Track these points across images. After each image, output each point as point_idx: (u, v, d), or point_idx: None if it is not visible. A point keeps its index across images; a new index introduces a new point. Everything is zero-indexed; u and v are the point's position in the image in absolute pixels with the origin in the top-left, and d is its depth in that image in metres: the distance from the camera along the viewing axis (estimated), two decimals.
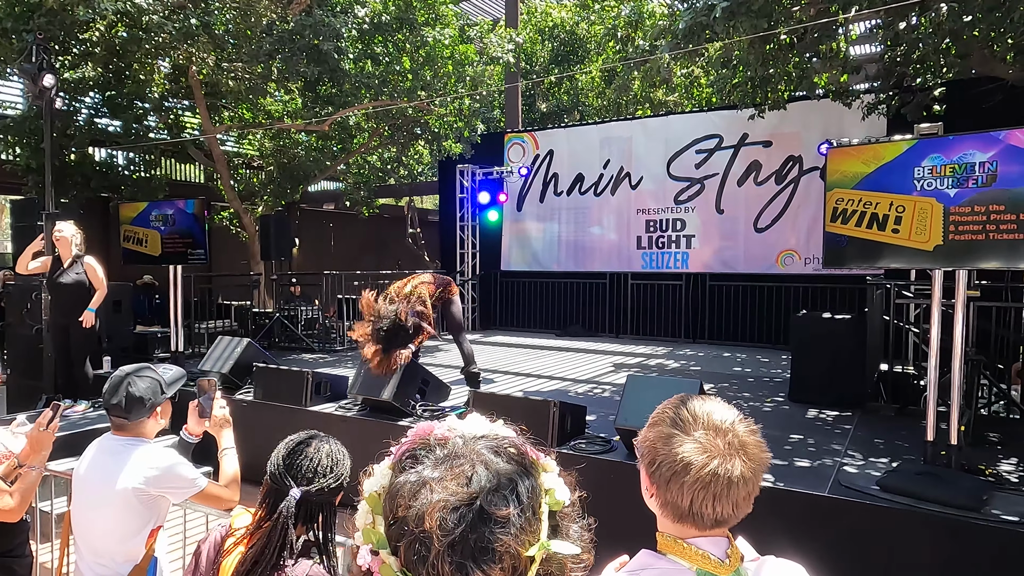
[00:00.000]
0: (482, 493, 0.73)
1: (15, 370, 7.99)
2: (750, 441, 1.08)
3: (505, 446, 0.81)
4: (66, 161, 10.05)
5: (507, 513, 0.72)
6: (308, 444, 1.60)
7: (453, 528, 0.70)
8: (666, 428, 1.10)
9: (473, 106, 10.58)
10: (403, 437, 0.86)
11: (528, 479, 0.78)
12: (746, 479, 1.06)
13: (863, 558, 3.25)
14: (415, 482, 0.75)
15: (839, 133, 8.33)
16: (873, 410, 5.36)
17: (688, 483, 1.05)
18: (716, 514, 1.06)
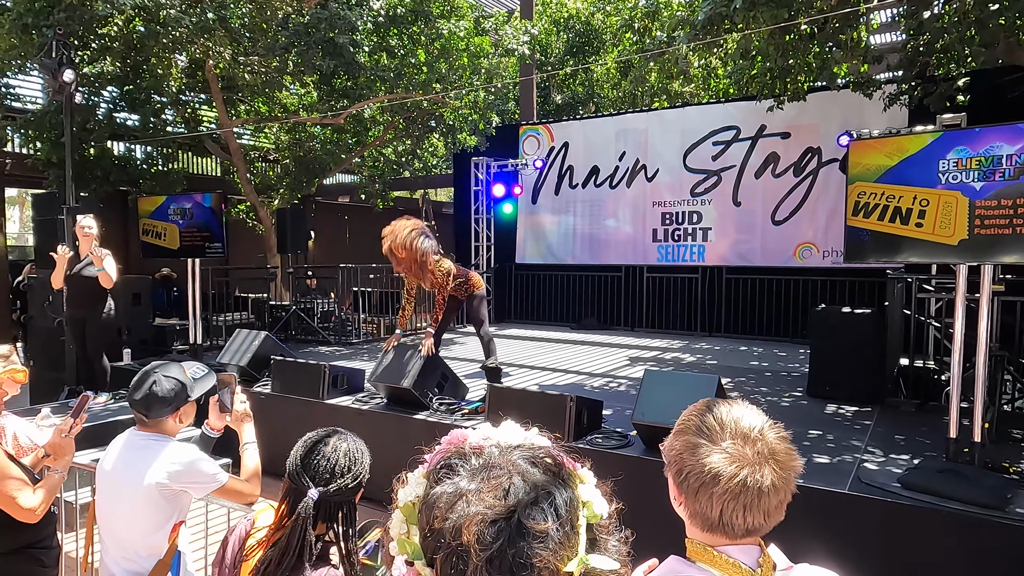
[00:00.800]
0: (520, 506, 0.72)
1: (37, 362, 8.11)
2: (780, 448, 1.06)
3: (541, 456, 0.80)
4: (86, 155, 10.15)
5: (546, 527, 0.71)
6: (326, 443, 1.60)
7: (491, 543, 0.69)
8: (693, 437, 1.08)
9: (488, 98, 10.54)
10: (435, 442, 0.85)
11: (565, 491, 0.76)
12: (777, 487, 1.03)
13: (884, 557, 3.22)
14: (451, 493, 0.74)
15: (859, 124, 8.21)
16: (893, 406, 5.30)
17: (717, 494, 1.03)
18: (747, 524, 1.04)
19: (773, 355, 8.04)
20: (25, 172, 10.83)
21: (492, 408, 4.51)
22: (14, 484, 2.20)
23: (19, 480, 2.21)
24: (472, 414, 4.84)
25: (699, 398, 3.63)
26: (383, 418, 5.06)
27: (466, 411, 4.89)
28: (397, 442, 4.96)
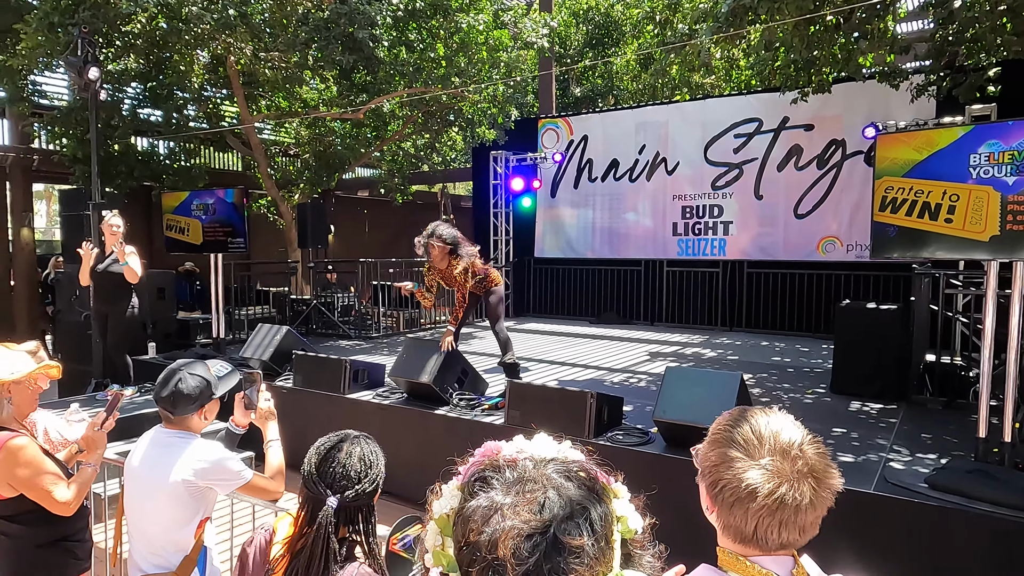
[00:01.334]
0: (555, 521, 0.71)
1: (65, 355, 8.27)
2: (820, 466, 1.04)
3: (575, 470, 0.80)
4: (111, 151, 10.30)
5: (581, 543, 0.71)
6: (339, 449, 1.59)
7: (527, 557, 0.69)
8: (729, 449, 1.06)
9: (507, 92, 10.51)
10: (468, 453, 0.85)
11: (600, 506, 0.76)
12: (815, 505, 1.02)
13: (910, 558, 3.17)
14: (487, 507, 0.74)
15: (885, 116, 8.06)
16: (919, 403, 5.22)
17: (753, 510, 1.01)
18: (782, 539, 1.03)
19: (796, 351, 7.95)
20: (51, 168, 11.02)
21: (512, 404, 4.51)
22: (49, 478, 2.25)
23: (54, 475, 2.27)
24: (492, 409, 4.84)
25: (721, 396, 3.59)
26: (404, 413, 5.09)
27: (486, 406, 4.90)
28: (418, 437, 4.99)
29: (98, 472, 2.43)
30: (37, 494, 2.23)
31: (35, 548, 2.30)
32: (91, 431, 2.38)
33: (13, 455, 2.22)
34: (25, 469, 2.22)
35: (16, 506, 2.27)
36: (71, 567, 2.41)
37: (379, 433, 5.31)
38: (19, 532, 2.27)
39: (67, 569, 2.39)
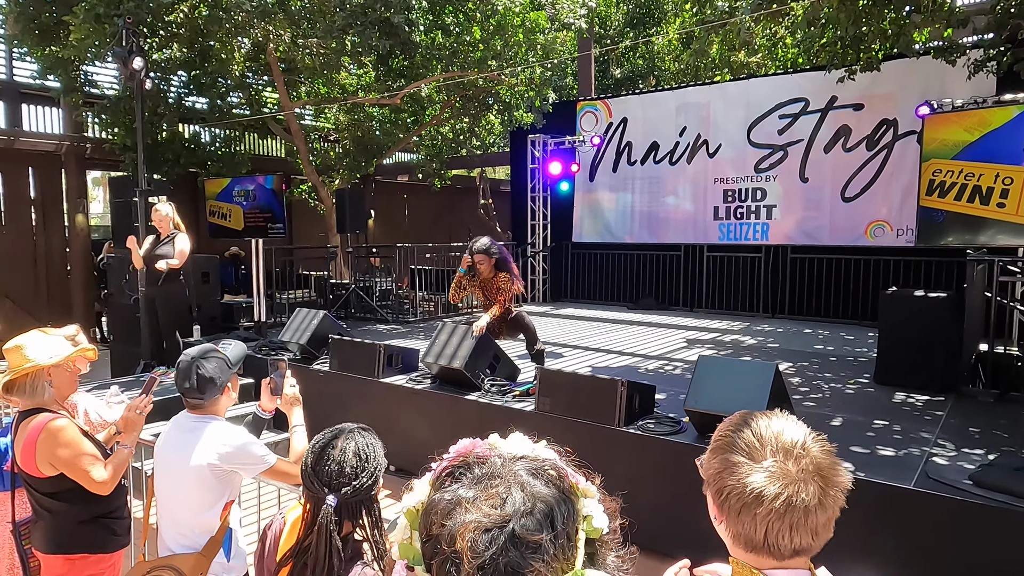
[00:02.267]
0: (515, 516, 0.71)
1: (117, 337, 8.60)
2: (826, 463, 1.00)
3: (545, 468, 0.79)
4: (157, 139, 10.59)
5: (540, 538, 0.70)
6: (333, 447, 1.58)
7: (483, 551, 0.69)
8: (731, 455, 1.02)
9: (544, 75, 10.39)
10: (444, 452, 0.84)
11: (565, 504, 0.75)
12: (824, 505, 0.98)
13: (950, 558, 3.05)
14: (449, 500, 0.74)
15: (940, 94, 7.66)
16: (969, 395, 4.99)
17: (761, 515, 0.97)
18: (794, 544, 0.98)
19: (840, 338, 7.71)
20: (104, 156, 11.41)
21: (542, 391, 4.49)
22: (87, 459, 2.34)
23: (92, 455, 2.36)
24: (523, 396, 4.84)
25: (755, 386, 3.50)
26: (436, 398, 5.13)
27: (517, 393, 4.89)
28: (449, 422, 5.03)
29: (134, 453, 2.52)
30: (75, 473, 2.32)
31: (77, 524, 2.40)
32: (130, 413, 2.46)
33: (53, 436, 2.32)
34: (65, 449, 2.32)
35: (58, 484, 2.36)
36: (111, 542, 2.51)
37: (412, 417, 5.37)
38: (61, 509, 2.37)
39: (107, 544, 2.49)
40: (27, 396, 2.38)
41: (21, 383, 2.36)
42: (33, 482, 2.39)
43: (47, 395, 2.42)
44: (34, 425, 2.33)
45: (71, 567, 2.40)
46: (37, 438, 2.31)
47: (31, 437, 2.32)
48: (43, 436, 2.31)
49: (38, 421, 2.35)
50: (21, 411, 2.42)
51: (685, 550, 3.86)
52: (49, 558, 2.43)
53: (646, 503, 3.99)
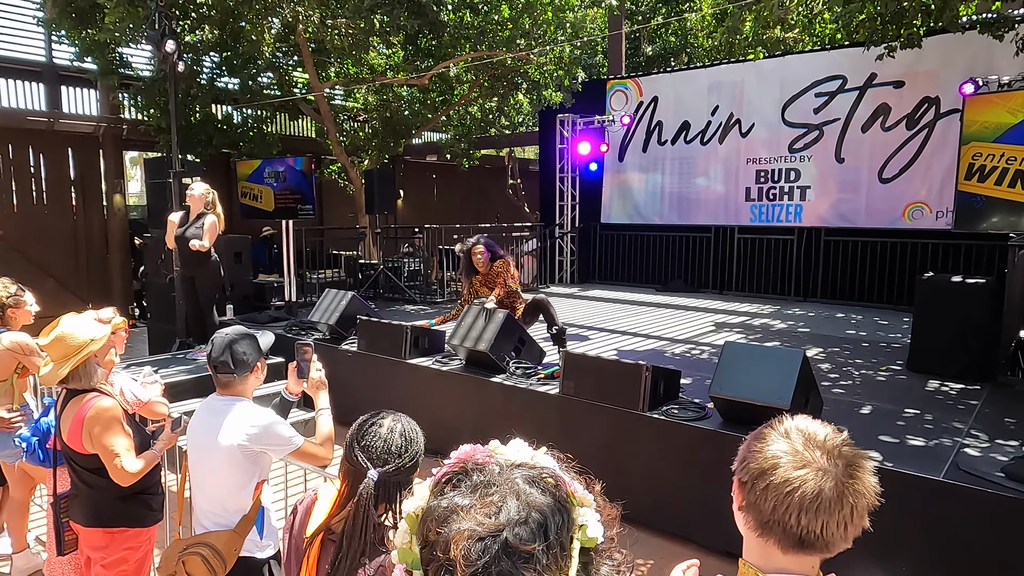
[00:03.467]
0: (509, 525, 0.72)
1: (154, 316, 8.84)
2: (855, 463, 1.01)
3: (542, 476, 0.79)
4: (191, 120, 10.75)
5: (532, 548, 0.71)
6: (381, 425, 1.62)
7: (476, 559, 0.70)
8: (763, 430, 1.07)
9: (574, 53, 10.25)
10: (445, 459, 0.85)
11: (560, 513, 0.76)
12: (841, 503, 0.98)
13: (980, 552, 3.00)
14: (446, 508, 0.76)
15: (987, 71, 7.35)
16: (1007, 384, 4.87)
17: (774, 484, 0.99)
18: (800, 528, 0.98)
19: (873, 323, 7.55)
20: (140, 137, 11.63)
21: (567, 375, 4.50)
22: (121, 445, 2.43)
23: (127, 443, 2.44)
24: (548, 379, 4.86)
25: (781, 373, 3.46)
26: (461, 380, 5.18)
27: (542, 375, 4.92)
28: (475, 404, 5.08)
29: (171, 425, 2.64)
30: (105, 456, 2.41)
31: (116, 499, 2.49)
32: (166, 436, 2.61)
33: (99, 414, 2.43)
34: (103, 430, 2.41)
35: (100, 460, 2.46)
36: (148, 517, 2.61)
37: (438, 399, 5.42)
38: (102, 484, 2.46)
39: (145, 519, 2.60)
40: (82, 381, 2.48)
41: (75, 372, 2.46)
42: (77, 458, 2.49)
43: (99, 375, 2.53)
44: (85, 403, 2.44)
45: (111, 540, 2.51)
46: (86, 416, 2.41)
47: (80, 415, 2.42)
48: (91, 414, 2.42)
49: (88, 399, 2.45)
50: (69, 389, 2.51)
51: (708, 535, 3.84)
52: (89, 531, 2.53)
53: (670, 488, 4.00)
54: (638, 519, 3.92)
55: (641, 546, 3.89)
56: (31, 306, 3.59)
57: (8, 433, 3.27)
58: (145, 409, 3.10)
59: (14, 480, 3.61)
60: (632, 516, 3.46)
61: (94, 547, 2.54)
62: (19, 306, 3.53)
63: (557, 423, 4.50)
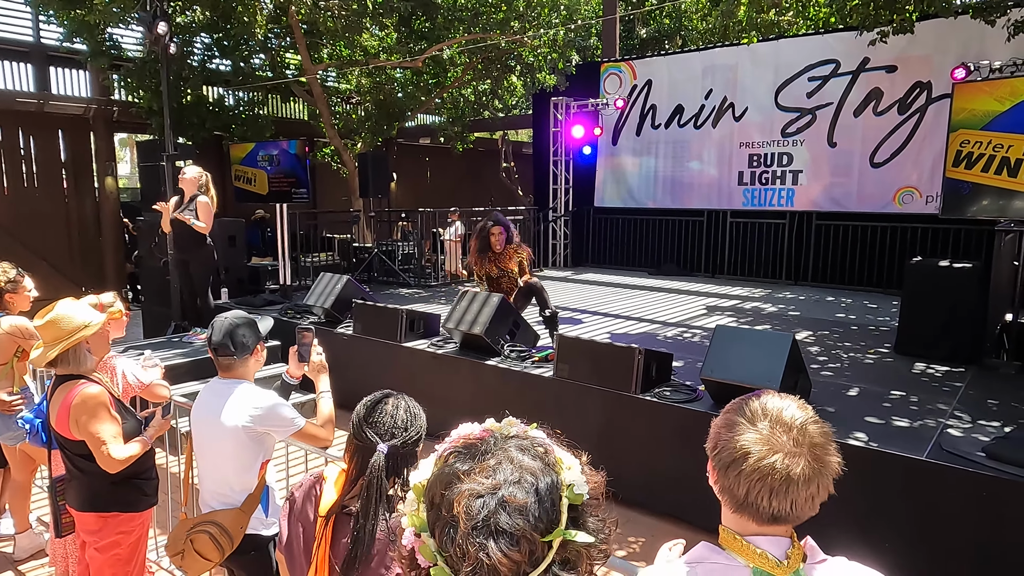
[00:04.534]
0: (504, 485, 0.82)
1: (149, 299, 8.84)
2: (819, 442, 1.06)
3: (533, 445, 0.89)
4: (183, 102, 10.66)
5: (525, 502, 0.81)
6: (385, 403, 1.69)
7: (476, 514, 0.79)
8: (734, 416, 1.11)
9: (568, 36, 10.21)
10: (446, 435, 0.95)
11: (549, 475, 0.86)
12: (808, 480, 1.03)
13: (962, 529, 3.10)
14: (448, 474, 0.86)
15: (978, 56, 7.40)
16: (991, 367, 4.97)
17: (745, 472, 1.05)
18: (772, 509, 1.05)
19: (863, 307, 7.66)
20: (131, 119, 11.54)
21: (561, 358, 4.57)
22: (108, 432, 2.41)
23: (112, 432, 2.42)
24: (542, 362, 4.92)
25: (772, 356, 3.55)
26: (456, 363, 5.24)
27: (536, 359, 4.98)
28: (470, 386, 5.15)
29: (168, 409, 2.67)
30: (92, 443, 2.40)
31: (109, 484, 2.49)
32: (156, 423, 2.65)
33: (85, 401, 2.41)
34: (90, 418, 2.40)
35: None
36: (142, 502, 2.62)
37: (433, 381, 5.48)
38: (94, 469, 2.45)
39: (138, 504, 2.61)
40: (71, 366, 2.48)
41: (64, 356, 2.45)
42: (67, 443, 2.50)
43: (89, 363, 2.52)
44: (72, 390, 2.43)
45: (104, 524, 2.53)
46: (72, 403, 2.41)
47: (67, 401, 2.42)
48: (77, 401, 2.41)
49: (76, 386, 2.44)
50: (59, 375, 2.52)
51: (699, 515, 3.94)
52: (83, 515, 2.55)
53: (662, 469, 4.09)
54: (631, 499, 4.02)
55: (634, 525, 3.99)
56: (30, 291, 3.61)
57: (10, 416, 3.31)
58: (146, 392, 3.14)
59: (16, 462, 3.66)
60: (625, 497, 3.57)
61: (88, 531, 2.55)
62: (18, 291, 3.55)
63: (551, 405, 4.57)
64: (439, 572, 0.81)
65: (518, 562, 0.78)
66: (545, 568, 0.80)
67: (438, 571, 0.81)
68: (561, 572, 0.81)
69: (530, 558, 0.79)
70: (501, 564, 0.77)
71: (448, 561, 0.80)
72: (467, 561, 0.78)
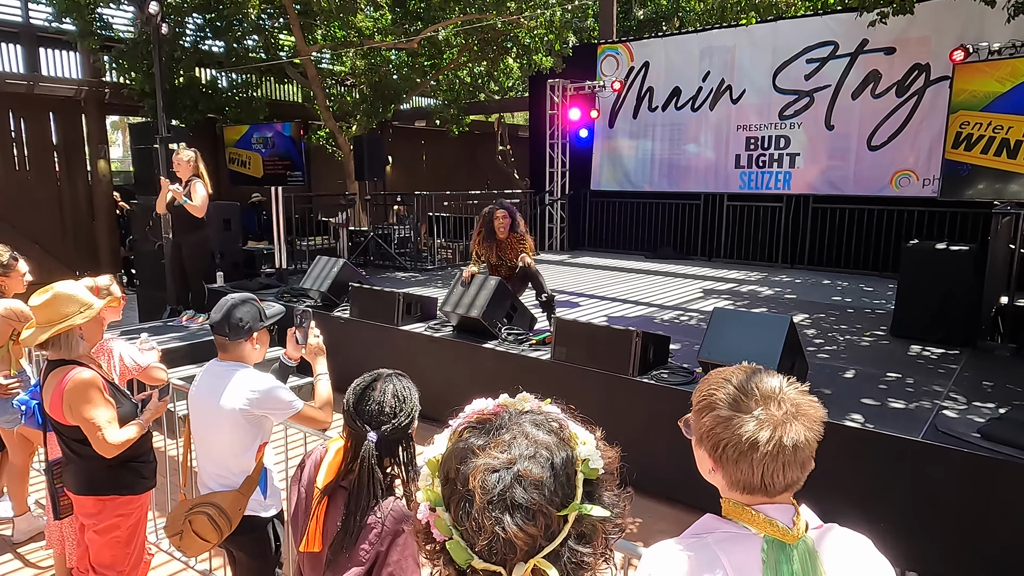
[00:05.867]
0: (520, 459, 0.82)
1: (144, 283, 8.80)
2: (803, 401, 1.09)
3: (548, 420, 0.89)
4: (175, 84, 10.54)
5: (540, 477, 0.81)
6: (373, 388, 1.68)
7: (492, 488, 0.79)
8: (722, 411, 1.10)
9: (564, 17, 10.11)
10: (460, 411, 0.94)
11: (564, 450, 0.86)
12: (808, 440, 1.07)
13: (957, 509, 3.13)
14: (464, 448, 0.85)
15: (978, 38, 7.34)
16: (987, 349, 5.00)
17: (758, 459, 1.06)
18: (787, 480, 1.08)
19: (859, 290, 7.68)
20: (123, 101, 11.40)
21: (558, 340, 4.57)
22: (103, 417, 2.39)
23: (106, 417, 2.40)
24: (539, 345, 4.93)
25: (768, 339, 3.56)
26: (453, 346, 5.24)
27: (533, 342, 4.99)
28: (467, 369, 5.15)
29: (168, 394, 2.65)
30: (87, 429, 2.38)
31: (106, 467, 2.48)
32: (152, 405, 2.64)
33: (77, 387, 2.38)
34: (83, 404, 2.38)
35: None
36: (139, 485, 2.61)
37: (430, 364, 5.48)
38: (91, 453, 2.44)
39: (136, 487, 2.60)
40: (62, 350, 2.45)
41: (55, 339, 2.43)
42: (61, 428, 2.48)
43: (82, 348, 2.49)
44: (64, 376, 2.41)
45: (102, 507, 2.52)
46: (64, 388, 2.39)
47: (59, 388, 2.40)
48: (69, 387, 2.38)
49: (67, 371, 2.42)
50: (51, 360, 2.49)
51: (695, 496, 3.97)
52: (80, 499, 2.55)
53: (660, 452, 4.10)
54: (628, 481, 4.04)
55: (631, 506, 4.02)
56: (24, 274, 3.58)
57: (6, 399, 3.30)
58: (144, 374, 3.13)
59: (13, 445, 3.65)
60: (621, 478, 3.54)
61: (86, 514, 2.55)
62: (11, 274, 3.52)
63: (548, 388, 4.55)
64: (454, 545, 0.81)
65: (534, 536, 0.78)
66: (561, 542, 0.80)
67: (453, 544, 0.81)
68: (576, 546, 0.81)
69: (546, 532, 0.79)
70: (517, 538, 0.77)
71: (464, 535, 0.80)
72: (483, 535, 0.78)
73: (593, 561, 0.83)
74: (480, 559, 0.79)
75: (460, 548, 0.80)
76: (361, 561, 1.58)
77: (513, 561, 0.78)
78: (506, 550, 0.77)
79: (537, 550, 0.79)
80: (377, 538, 1.58)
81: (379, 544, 1.58)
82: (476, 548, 0.79)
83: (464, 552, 0.80)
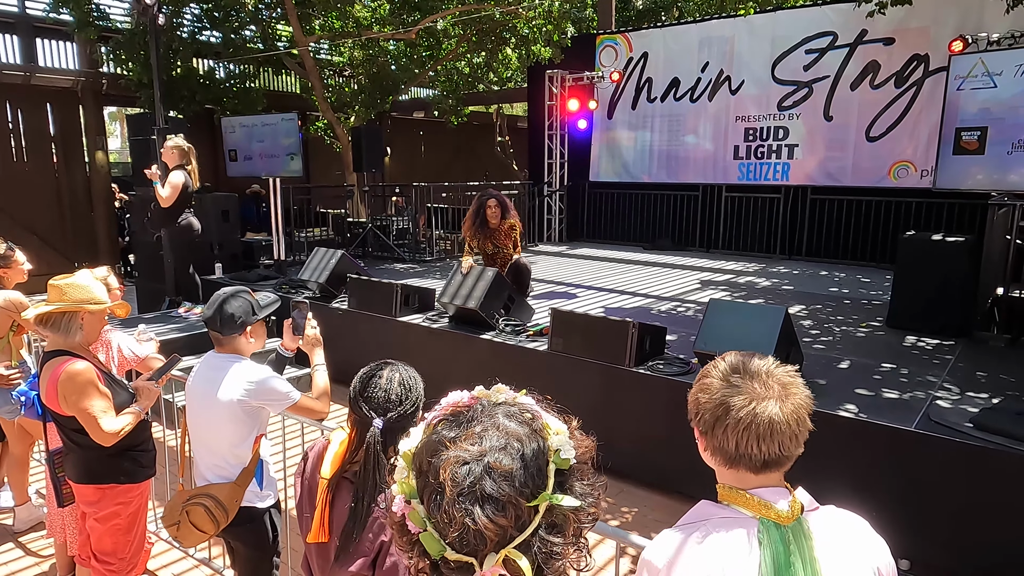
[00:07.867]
0: (490, 451, 0.82)
1: (142, 274, 8.81)
2: (788, 381, 1.13)
3: (521, 411, 0.90)
4: (172, 75, 10.50)
5: (511, 468, 0.81)
6: (380, 375, 1.70)
7: (462, 480, 0.80)
8: (705, 379, 1.17)
9: (563, 7, 10.06)
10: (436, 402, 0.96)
11: (536, 441, 0.86)
12: (788, 419, 1.10)
13: (949, 498, 3.16)
14: (436, 441, 0.86)
15: (977, 27, 7.36)
16: (981, 340, 5.02)
17: (731, 425, 1.10)
18: (764, 454, 1.10)
19: (856, 281, 7.69)
20: (120, 92, 11.37)
21: (555, 332, 4.59)
22: (99, 406, 2.40)
23: (102, 406, 2.41)
24: (536, 336, 4.95)
25: (764, 329, 3.58)
26: (451, 337, 5.26)
27: (531, 333, 5.01)
28: (465, 360, 5.17)
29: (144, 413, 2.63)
30: (84, 419, 2.39)
31: (106, 456, 2.50)
32: (148, 385, 2.61)
33: (71, 378, 2.38)
34: (78, 395, 2.38)
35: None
36: (139, 473, 2.63)
37: (428, 355, 5.49)
38: (90, 443, 2.45)
39: (136, 475, 2.61)
40: (60, 333, 2.44)
41: (56, 319, 2.42)
42: (59, 418, 2.50)
43: (78, 337, 2.48)
44: (58, 366, 2.41)
45: (102, 496, 2.55)
46: (59, 379, 2.39)
47: (54, 377, 2.40)
48: (63, 378, 2.39)
49: (61, 363, 2.42)
50: (48, 351, 2.50)
51: (690, 485, 4.00)
52: (81, 487, 2.57)
53: (655, 440, 4.14)
54: (624, 471, 4.08)
55: (626, 496, 4.06)
56: (23, 264, 3.59)
57: (7, 390, 3.32)
58: (142, 365, 3.15)
59: (13, 435, 3.68)
60: (618, 468, 3.60)
61: (87, 502, 2.58)
62: (11, 265, 3.53)
63: (546, 379, 4.60)
64: (427, 537, 0.82)
65: (504, 527, 0.79)
66: (532, 532, 0.81)
67: (427, 536, 0.82)
68: (548, 536, 0.82)
69: (516, 523, 0.80)
70: (487, 529, 0.78)
71: (436, 526, 0.81)
72: (454, 527, 0.78)
73: (565, 550, 0.83)
74: (452, 550, 0.80)
75: (433, 540, 0.81)
76: (367, 551, 1.60)
77: (484, 552, 0.79)
78: (477, 541, 0.78)
79: (508, 540, 0.79)
80: (380, 528, 1.59)
81: (382, 533, 1.59)
82: (448, 540, 0.80)
83: (437, 543, 0.81)
